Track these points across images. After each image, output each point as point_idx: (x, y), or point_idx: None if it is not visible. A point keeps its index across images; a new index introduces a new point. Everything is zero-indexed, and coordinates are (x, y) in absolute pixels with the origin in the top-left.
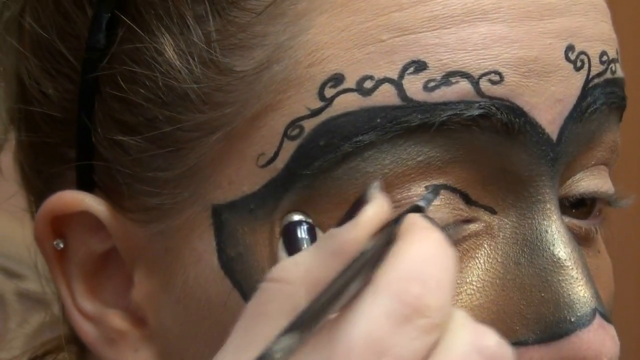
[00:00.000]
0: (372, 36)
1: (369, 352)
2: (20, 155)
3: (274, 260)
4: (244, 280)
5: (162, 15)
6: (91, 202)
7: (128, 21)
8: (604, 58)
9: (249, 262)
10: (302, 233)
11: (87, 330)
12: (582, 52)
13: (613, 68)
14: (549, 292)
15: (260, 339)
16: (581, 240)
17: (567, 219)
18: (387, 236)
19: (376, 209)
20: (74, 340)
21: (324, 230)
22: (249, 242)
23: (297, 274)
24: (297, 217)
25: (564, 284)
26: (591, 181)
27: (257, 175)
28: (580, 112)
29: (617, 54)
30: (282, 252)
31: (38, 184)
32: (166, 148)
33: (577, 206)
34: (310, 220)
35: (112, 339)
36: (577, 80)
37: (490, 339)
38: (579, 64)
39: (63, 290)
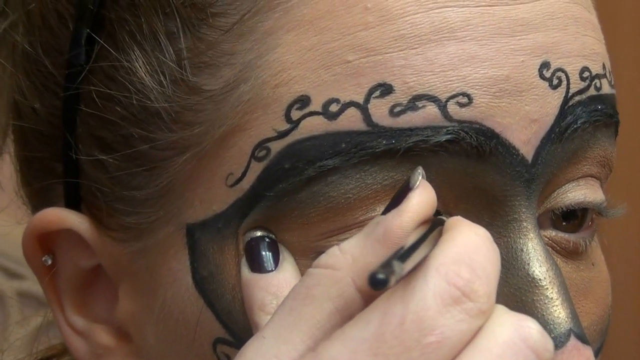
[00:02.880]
0: (339, 57)
1: (416, 329)
2: (16, 166)
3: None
4: (215, 300)
5: (135, 32)
6: (74, 221)
7: (101, 39)
8: (586, 74)
9: (219, 281)
10: (264, 248)
11: (76, 345)
12: (559, 69)
13: (598, 84)
14: (523, 312)
15: (304, 319)
16: (570, 254)
17: (554, 233)
18: (434, 228)
19: (421, 197)
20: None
21: (287, 247)
22: (218, 262)
23: (344, 261)
24: (259, 233)
25: (538, 304)
26: (578, 192)
27: (226, 194)
28: (559, 133)
29: (603, 68)
30: (244, 267)
31: (31, 196)
32: (141, 167)
33: (568, 218)
34: (272, 236)
35: (99, 354)
36: (554, 99)
37: (533, 327)
38: (555, 81)
39: (54, 305)
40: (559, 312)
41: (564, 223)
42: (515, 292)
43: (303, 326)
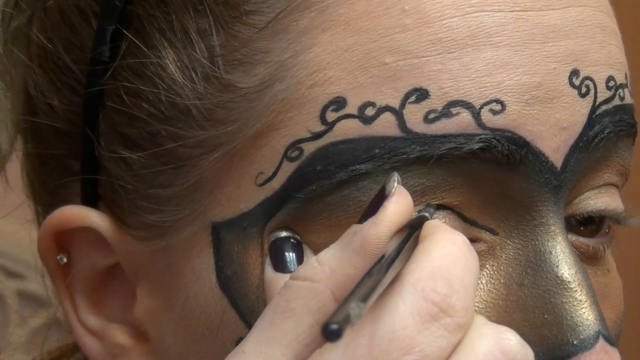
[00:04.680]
0: (376, 58)
1: (395, 348)
2: (27, 165)
3: None
4: (239, 299)
5: (165, 29)
6: (94, 218)
7: (130, 35)
8: (611, 83)
9: (243, 281)
10: (288, 249)
11: (90, 345)
12: (587, 77)
13: (621, 94)
14: (552, 314)
15: (285, 333)
16: (589, 259)
17: (574, 237)
18: (410, 236)
19: (397, 205)
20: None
21: (312, 248)
22: (242, 261)
23: (322, 273)
24: (284, 234)
25: (567, 306)
26: (599, 199)
27: (254, 193)
28: (587, 142)
29: (625, 78)
30: (268, 267)
31: (44, 194)
32: (168, 165)
33: (586, 224)
34: (297, 237)
35: (114, 354)
36: (582, 107)
37: (512, 339)
38: (584, 89)
39: (66, 305)
40: (587, 314)
41: (581, 228)
42: (544, 294)
43: (284, 340)
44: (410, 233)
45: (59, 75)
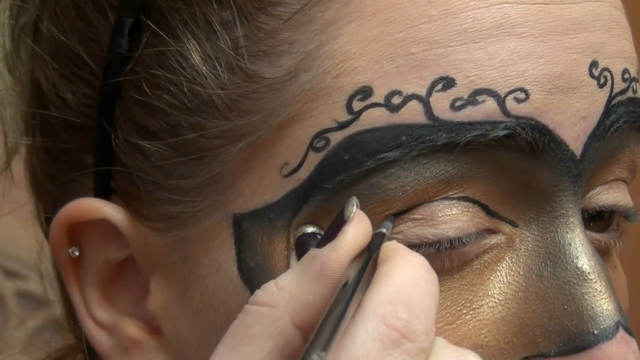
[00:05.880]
0: (402, 48)
1: None
2: (33, 160)
3: None
4: None
5: (188, 21)
6: (110, 211)
7: (153, 26)
8: (626, 76)
9: (267, 272)
10: (314, 246)
11: (100, 339)
12: (605, 69)
13: (634, 87)
14: (572, 304)
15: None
16: (601, 253)
17: (587, 232)
18: (368, 261)
19: (356, 230)
20: (81, 349)
21: None
22: (267, 253)
23: (281, 299)
24: (310, 229)
25: (587, 297)
26: (610, 194)
27: (280, 184)
28: (604, 130)
29: (637, 73)
30: (294, 263)
31: (52, 189)
32: (189, 155)
33: (595, 219)
34: (323, 233)
35: (126, 347)
36: (600, 97)
37: None
38: (602, 80)
39: (76, 299)
40: (607, 304)
41: (591, 224)
42: (564, 285)
43: None
44: (369, 257)
45: (72, 69)
